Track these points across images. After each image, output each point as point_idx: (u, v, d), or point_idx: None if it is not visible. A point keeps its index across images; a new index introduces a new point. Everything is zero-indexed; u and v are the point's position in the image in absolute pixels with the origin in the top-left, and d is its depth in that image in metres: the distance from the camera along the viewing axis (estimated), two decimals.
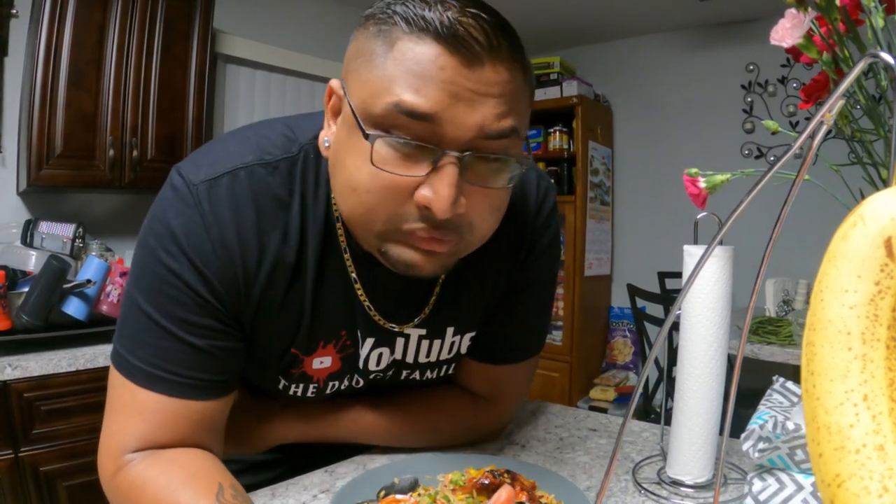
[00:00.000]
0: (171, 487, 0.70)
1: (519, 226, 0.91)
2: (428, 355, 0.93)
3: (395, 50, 0.63)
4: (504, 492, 0.70)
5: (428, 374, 0.96)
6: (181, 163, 0.76)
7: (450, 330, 0.92)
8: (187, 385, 0.74)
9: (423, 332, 0.90)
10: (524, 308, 0.97)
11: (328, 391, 0.91)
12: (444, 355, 0.95)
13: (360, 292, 0.83)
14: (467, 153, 0.64)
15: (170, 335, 0.72)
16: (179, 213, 0.72)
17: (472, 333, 0.95)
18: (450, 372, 0.99)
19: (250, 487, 0.81)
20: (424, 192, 0.64)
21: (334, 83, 0.72)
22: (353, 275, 0.82)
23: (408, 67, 0.62)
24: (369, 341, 0.87)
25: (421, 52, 0.62)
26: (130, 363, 0.73)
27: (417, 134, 0.63)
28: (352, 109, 0.66)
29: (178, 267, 0.71)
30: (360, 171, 0.66)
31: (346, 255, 0.80)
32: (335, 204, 0.78)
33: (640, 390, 0.41)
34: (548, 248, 0.95)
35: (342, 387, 0.92)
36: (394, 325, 0.86)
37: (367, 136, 0.64)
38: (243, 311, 0.76)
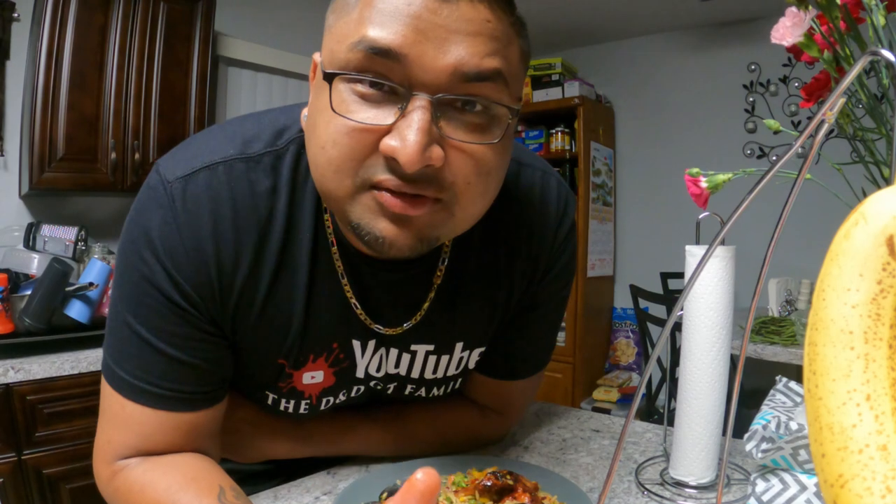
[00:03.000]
0: (172, 490, 0.69)
1: (537, 238, 0.85)
2: (434, 371, 0.89)
3: None
4: None
5: (434, 391, 0.92)
6: (161, 158, 0.72)
7: (458, 345, 0.87)
8: (174, 398, 0.71)
9: (431, 347, 0.86)
10: (538, 325, 0.93)
11: (323, 407, 0.87)
12: (452, 371, 0.90)
13: (346, 288, 0.77)
14: (440, 95, 0.58)
15: (151, 347, 0.70)
16: (153, 214, 0.68)
17: (482, 349, 0.91)
18: (456, 388, 0.95)
19: (249, 493, 0.80)
20: (390, 141, 0.57)
21: (316, 55, 0.67)
22: (340, 269, 0.76)
23: (375, 7, 0.57)
24: (366, 350, 0.83)
25: None
26: (117, 375, 0.71)
27: (383, 77, 0.58)
28: (324, 72, 0.60)
29: (151, 274, 0.68)
30: (328, 126, 0.60)
31: (334, 249, 0.75)
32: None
33: (642, 391, 0.41)
34: (566, 265, 0.90)
35: (337, 401, 0.88)
36: (380, 327, 0.80)
37: (326, 78, 0.59)
38: (222, 316, 0.72)
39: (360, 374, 0.85)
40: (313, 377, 0.82)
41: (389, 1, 0.56)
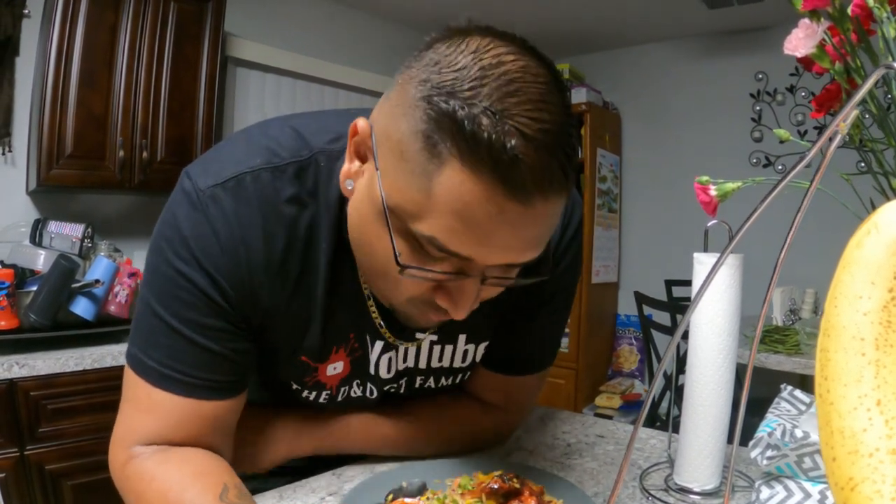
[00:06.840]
0: (178, 484, 0.71)
1: None
2: (440, 360, 0.92)
3: (442, 175, 0.58)
4: None
5: (443, 381, 0.96)
6: (190, 166, 0.76)
7: (462, 337, 0.91)
8: (200, 386, 0.75)
9: (434, 337, 0.90)
10: (544, 321, 0.95)
11: (340, 398, 0.91)
12: (458, 363, 0.94)
13: (371, 309, 0.83)
14: (489, 279, 0.67)
15: (182, 337, 0.73)
16: (188, 216, 0.72)
17: (487, 343, 0.94)
18: (465, 379, 0.98)
19: (255, 491, 0.81)
20: (442, 302, 0.68)
21: (361, 125, 0.67)
22: (367, 292, 0.82)
23: (452, 208, 0.59)
24: (378, 345, 0.87)
25: (469, 192, 0.57)
26: (145, 363, 0.74)
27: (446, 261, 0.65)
28: (384, 205, 0.64)
29: (189, 270, 0.72)
30: (389, 263, 0.65)
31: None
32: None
33: (651, 398, 0.41)
34: (572, 263, 0.93)
35: (353, 394, 0.91)
36: (401, 342, 0.87)
37: (399, 265, 0.64)
38: (252, 314, 0.77)
39: (371, 368, 0.89)
40: (335, 368, 0.87)
41: (469, 206, 0.58)
